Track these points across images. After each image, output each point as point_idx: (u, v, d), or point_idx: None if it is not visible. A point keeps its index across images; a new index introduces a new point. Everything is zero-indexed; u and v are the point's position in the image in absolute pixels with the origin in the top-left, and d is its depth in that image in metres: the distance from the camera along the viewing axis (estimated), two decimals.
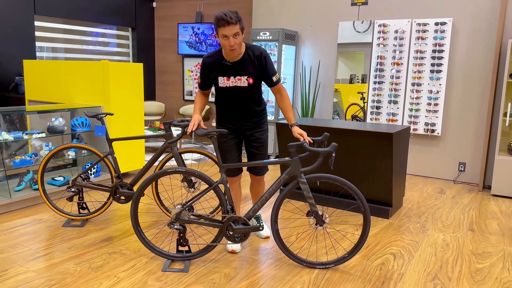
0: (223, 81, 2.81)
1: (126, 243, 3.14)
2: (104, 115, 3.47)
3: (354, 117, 5.89)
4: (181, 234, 2.77)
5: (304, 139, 2.69)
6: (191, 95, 7.87)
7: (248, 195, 4.45)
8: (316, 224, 2.72)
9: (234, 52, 2.64)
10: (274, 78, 2.81)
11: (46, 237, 3.20)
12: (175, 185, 4.70)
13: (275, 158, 6.27)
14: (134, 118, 4.85)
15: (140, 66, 4.86)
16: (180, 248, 2.83)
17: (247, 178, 5.13)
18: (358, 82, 5.81)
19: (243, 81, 2.79)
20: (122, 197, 3.46)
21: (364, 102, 5.82)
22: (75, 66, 4.75)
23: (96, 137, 4.74)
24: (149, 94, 8.19)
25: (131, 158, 4.88)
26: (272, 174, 5.35)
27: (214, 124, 6.90)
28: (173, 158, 3.41)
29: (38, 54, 6.35)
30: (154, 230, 3.41)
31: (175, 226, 2.71)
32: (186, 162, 5.96)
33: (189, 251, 2.83)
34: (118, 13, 7.37)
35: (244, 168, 5.22)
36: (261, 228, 2.74)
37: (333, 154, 2.50)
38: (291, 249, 3.09)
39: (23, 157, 3.90)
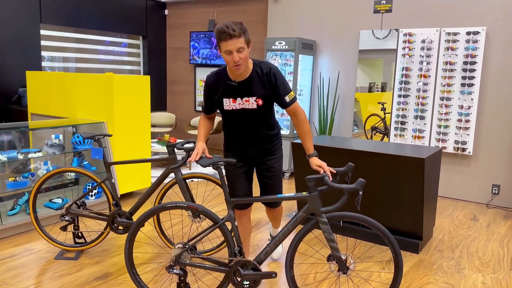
0: (228, 103, 2.45)
1: (122, 282, 2.79)
2: (101, 136, 3.15)
3: (374, 129, 5.48)
4: (182, 278, 2.41)
5: (324, 171, 2.31)
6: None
7: (260, 221, 4.07)
8: (338, 271, 2.33)
9: (239, 69, 2.28)
10: (287, 98, 2.42)
11: (35, 273, 2.88)
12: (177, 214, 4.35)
13: (289, 175, 5.88)
14: (139, 135, 4.53)
15: (147, 78, 4.54)
16: None
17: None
18: (377, 90, 5.41)
19: (251, 103, 2.42)
20: (120, 227, 3.12)
21: (385, 113, 5.40)
22: (79, 78, 4.46)
23: None
24: (160, 104, 7.91)
25: (136, 176, 4.56)
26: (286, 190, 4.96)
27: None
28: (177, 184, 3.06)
29: (48, 64, 6.12)
30: (154, 264, 3.06)
31: (175, 271, 2.35)
32: (194, 171, 5.61)
33: None
34: (128, 21, 7.12)
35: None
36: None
37: (360, 192, 2.11)
38: None
39: (17, 178, 3.61)
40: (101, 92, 4.29)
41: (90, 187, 4.07)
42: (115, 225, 3.10)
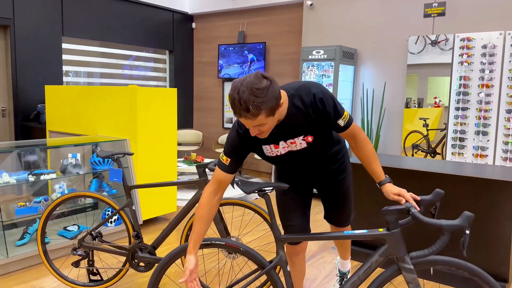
0: (270, 150, 1.89)
1: None
2: (121, 155, 2.68)
3: (415, 147, 4.91)
4: None
5: (407, 201, 1.74)
6: (231, 122, 7.08)
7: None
8: None
9: (261, 137, 1.75)
10: (342, 122, 1.82)
11: None
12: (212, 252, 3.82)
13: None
14: (165, 153, 4.06)
15: (174, 91, 4.10)
16: None
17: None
18: (414, 106, 4.86)
19: (299, 143, 1.85)
20: (142, 264, 2.62)
21: (427, 129, 4.81)
22: (99, 92, 4.06)
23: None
24: (186, 121, 7.49)
25: (161, 199, 4.08)
26: None
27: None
28: None
29: (71, 79, 5.80)
30: None
31: None
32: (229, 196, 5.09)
33: None
34: (154, 35, 6.78)
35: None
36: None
37: (467, 231, 1.53)
38: None
39: (27, 203, 3.18)
40: (123, 107, 3.87)
41: (108, 213, 3.60)
42: (136, 261, 2.59)
